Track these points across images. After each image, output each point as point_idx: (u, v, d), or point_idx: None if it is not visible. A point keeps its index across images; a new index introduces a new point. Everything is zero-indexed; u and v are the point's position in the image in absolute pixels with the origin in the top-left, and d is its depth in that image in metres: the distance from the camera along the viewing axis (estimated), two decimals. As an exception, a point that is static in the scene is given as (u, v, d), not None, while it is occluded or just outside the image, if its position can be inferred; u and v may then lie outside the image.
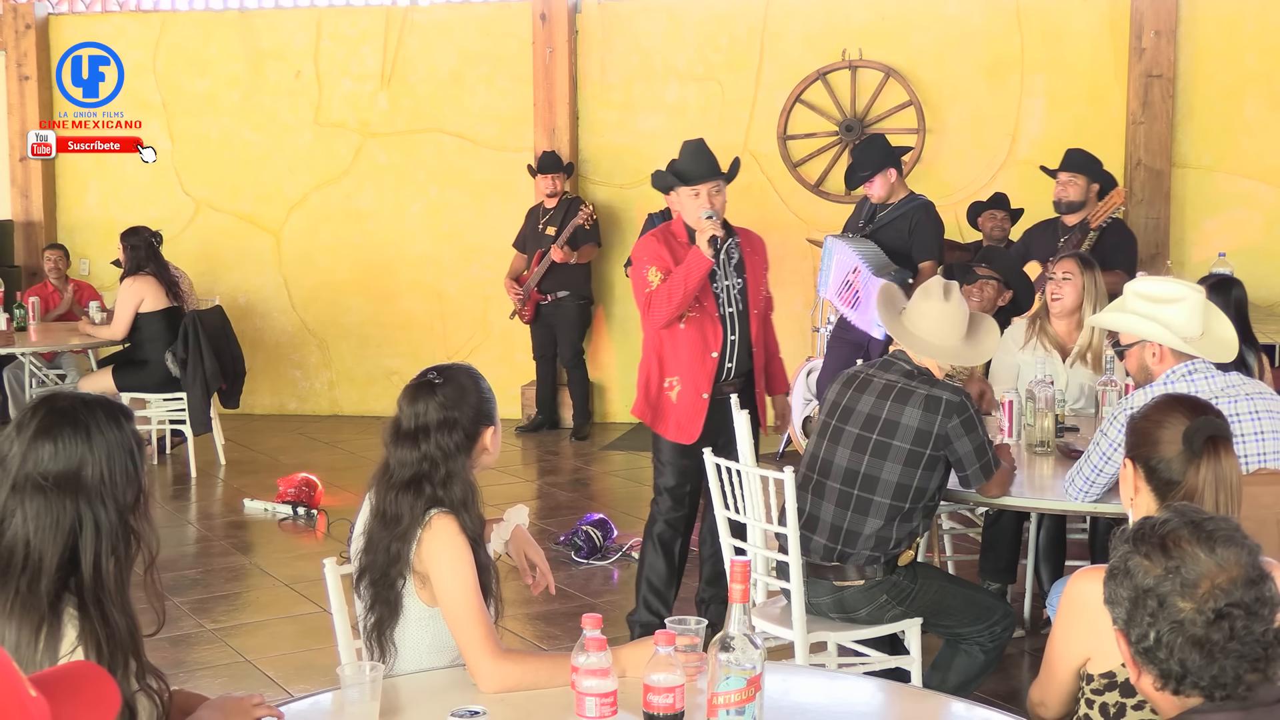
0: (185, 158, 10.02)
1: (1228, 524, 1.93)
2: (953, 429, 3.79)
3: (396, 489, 2.76)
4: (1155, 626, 1.86)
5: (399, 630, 2.77)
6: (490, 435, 2.86)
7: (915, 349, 3.91)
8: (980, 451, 3.84)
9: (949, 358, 3.92)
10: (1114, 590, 1.94)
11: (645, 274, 4.74)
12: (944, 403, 3.79)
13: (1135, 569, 1.91)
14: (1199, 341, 3.69)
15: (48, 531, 2.12)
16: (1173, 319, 3.68)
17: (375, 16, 9.71)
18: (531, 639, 5.24)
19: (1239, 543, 1.89)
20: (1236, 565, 1.86)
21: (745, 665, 2.25)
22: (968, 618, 3.92)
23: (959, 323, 3.91)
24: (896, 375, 3.90)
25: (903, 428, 3.81)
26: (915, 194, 6.80)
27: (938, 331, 3.89)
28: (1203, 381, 3.63)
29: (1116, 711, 2.40)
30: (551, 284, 8.84)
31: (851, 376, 4.02)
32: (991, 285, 5.51)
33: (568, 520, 6.78)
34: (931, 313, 3.91)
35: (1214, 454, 2.53)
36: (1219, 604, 1.84)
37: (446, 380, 2.82)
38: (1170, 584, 1.86)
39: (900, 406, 3.83)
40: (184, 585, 5.91)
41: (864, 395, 3.92)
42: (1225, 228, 8.42)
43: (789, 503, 3.78)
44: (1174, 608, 1.85)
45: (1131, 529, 1.97)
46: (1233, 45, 8.39)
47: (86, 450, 2.16)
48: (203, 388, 7.82)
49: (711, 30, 9.16)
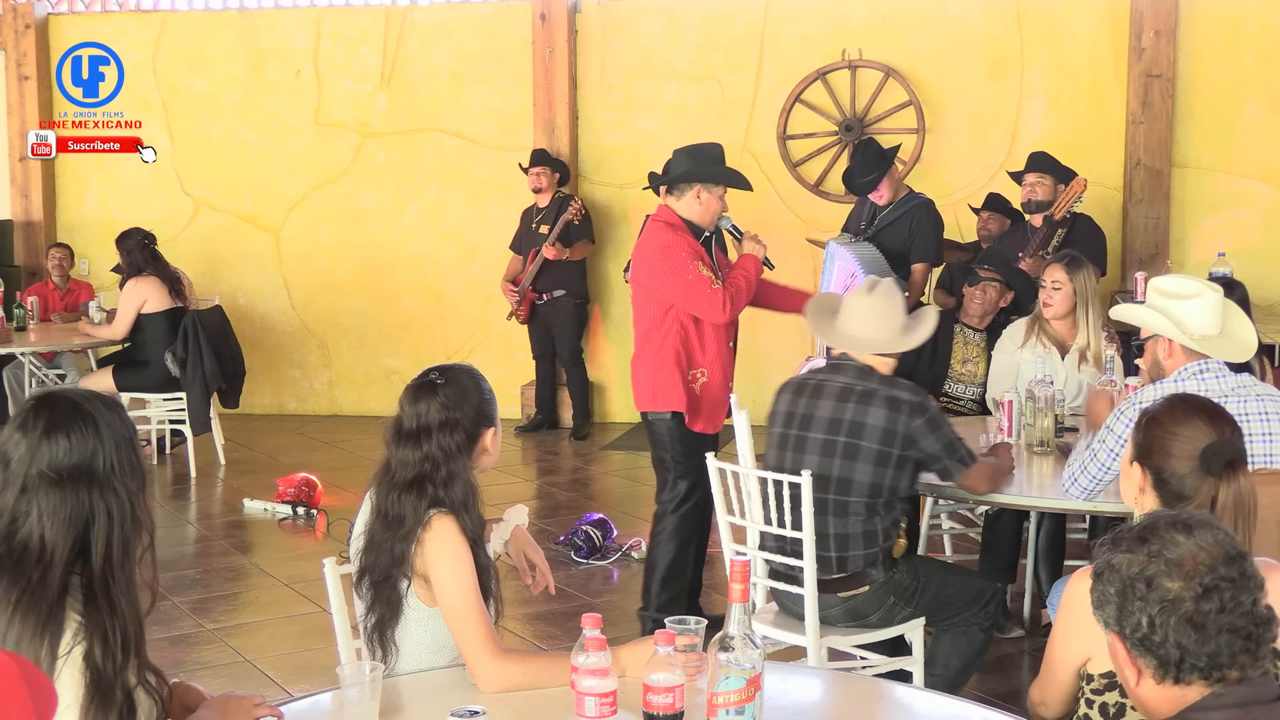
0: (185, 158, 10.02)
1: (1201, 514, 1.99)
2: (917, 428, 3.81)
3: (399, 489, 2.76)
4: (1147, 610, 1.89)
5: (399, 630, 2.78)
6: (490, 436, 2.86)
7: (856, 348, 3.93)
8: (950, 448, 3.85)
9: (888, 346, 3.92)
10: (1102, 590, 1.96)
11: (696, 270, 4.86)
12: (905, 403, 3.81)
13: (1119, 563, 1.94)
14: (1214, 340, 3.67)
15: (62, 525, 2.15)
16: (1185, 315, 3.67)
17: (375, 16, 9.71)
18: (531, 639, 5.24)
19: (1214, 526, 1.95)
20: (1215, 545, 1.91)
21: (745, 665, 2.25)
22: (965, 603, 3.97)
23: (890, 311, 3.93)
24: (851, 378, 3.90)
25: (869, 428, 3.81)
26: (915, 193, 6.81)
27: (874, 326, 3.90)
28: (1213, 381, 3.62)
29: (1116, 711, 2.40)
30: (546, 283, 8.83)
31: (801, 384, 4.01)
32: (994, 287, 5.51)
33: (568, 520, 6.78)
34: (862, 308, 3.93)
35: (1233, 477, 2.52)
36: (1205, 579, 1.88)
37: (448, 381, 2.82)
38: (1155, 566, 1.90)
39: (864, 407, 3.83)
40: (184, 585, 5.91)
41: (821, 400, 3.91)
42: (1225, 227, 8.42)
43: (805, 506, 3.75)
44: (1162, 588, 1.89)
45: (1108, 536, 2.00)
46: (1233, 45, 8.39)
47: (97, 442, 2.20)
48: (202, 388, 7.82)
49: (711, 30, 9.16)
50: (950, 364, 5.43)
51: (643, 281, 5.08)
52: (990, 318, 5.51)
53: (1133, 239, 8.43)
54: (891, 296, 3.96)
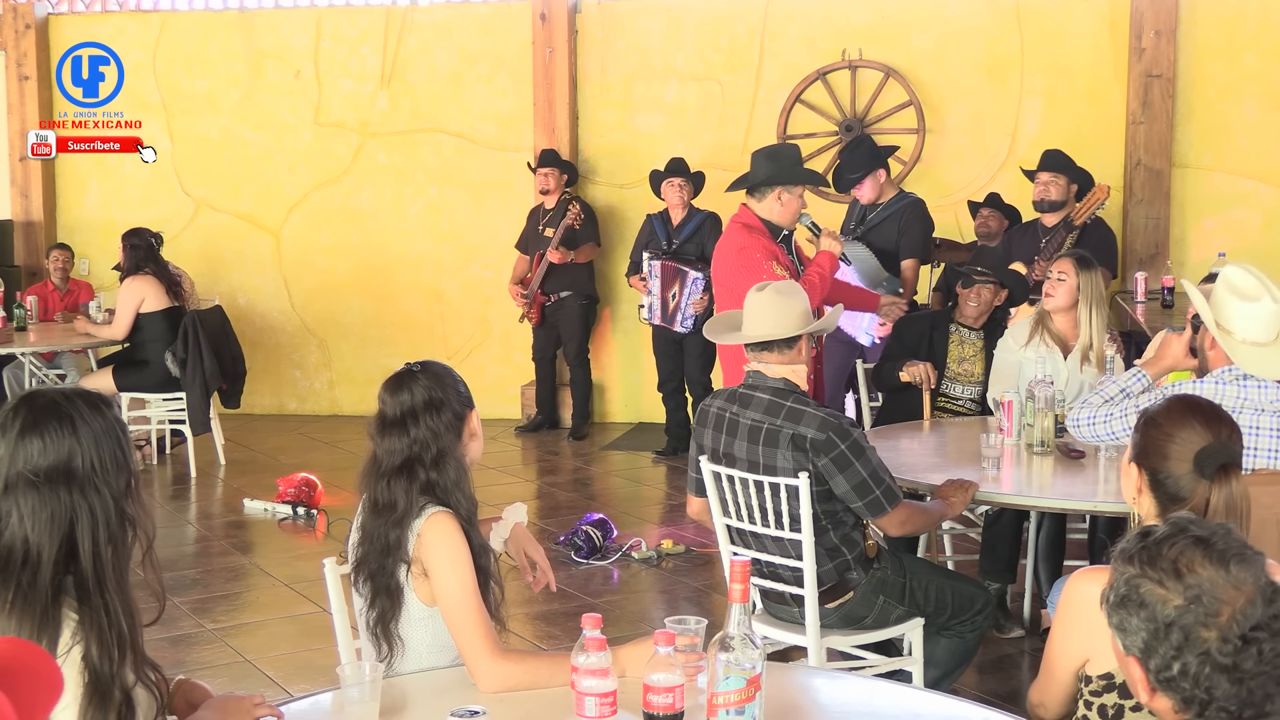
0: (185, 158, 10.02)
1: (1232, 536, 1.90)
2: (825, 467, 3.68)
3: (388, 476, 2.78)
4: (1180, 659, 1.82)
5: (401, 626, 2.77)
6: (474, 417, 2.90)
7: (760, 354, 3.83)
8: (864, 488, 3.69)
9: (786, 331, 3.79)
10: (1125, 618, 1.88)
11: (771, 270, 5.02)
12: (809, 441, 3.68)
13: (1150, 599, 1.85)
14: (1256, 349, 3.54)
15: (45, 526, 2.14)
16: (1237, 315, 3.55)
17: (375, 16, 9.71)
18: (531, 639, 5.24)
19: (1249, 558, 1.86)
20: (1252, 584, 1.83)
21: (745, 665, 2.25)
22: (958, 608, 3.96)
23: (779, 303, 3.80)
24: (759, 412, 3.78)
25: (782, 470, 3.72)
26: (905, 192, 6.82)
27: (773, 321, 3.79)
28: (1255, 390, 3.53)
29: (1115, 713, 2.40)
30: (553, 285, 8.83)
31: (718, 418, 3.90)
32: (988, 288, 5.49)
33: (568, 520, 6.78)
34: (755, 305, 3.84)
35: (1225, 480, 2.51)
36: (1243, 629, 1.80)
37: (424, 368, 2.87)
38: (1192, 615, 1.82)
39: (772, 450, 3.73)
40: (184, 585, 5.91)
41: (736, 440, 3.83)
42: (1225, 228, 8.42)
43: (804, 507, 3.71)
44: (1198, 639, 1.81)
45: (1133, 546, 1.91)
46: (1233, 45, 8.39)
47: (74, 441, 2.18)
48: (202, 388, 7.82)
49: (711, 30, 9.16)
50: (947, 364, 5.42)
51: (723, 281, 5.28)
52: (985, 317, 5.50)
53: (1133, 239, 8.43)
54: (780, 288, 3.85)
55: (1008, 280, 5.60)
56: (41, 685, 1.52)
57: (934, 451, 4.91)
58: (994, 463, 4.29)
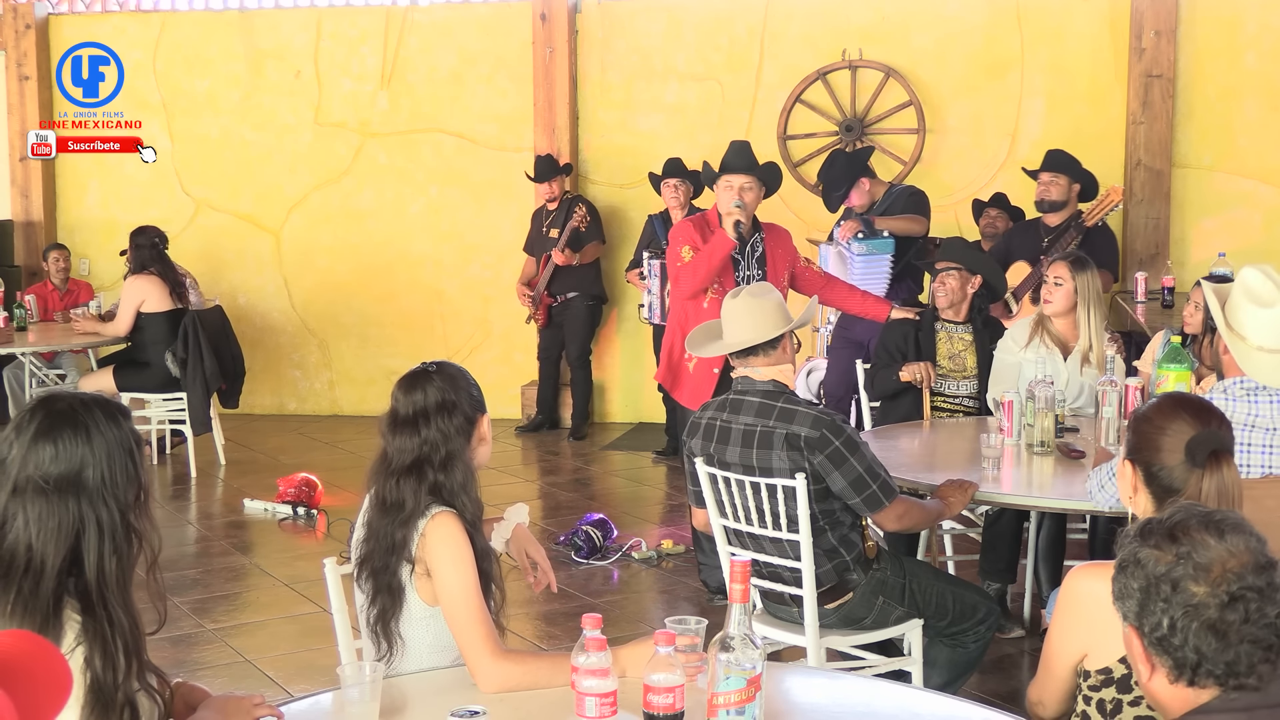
0: (185, 158, 10.02)
1: (1234, 515, 1.95)
2: (821, 464, 3.68)
3: (397, 475, 2.78)
4: (1169, 612, 1.86)
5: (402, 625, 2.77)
6: (485, 422, 2.90)
7: (745, 360, 3.81)
8: (860, 483, 3.69)
9: (770, 333, 3.78)
10: (1124, 583, 1.93)
11: (679, 252, 5.34)
12: (803, 439, 3.67)
13: (1146, 559, 1.91)
14: (1265, 355, 3.44)
15: (50, 534, 2.12)
16: (1250, 320, 3.46)
17: (375, 16, 9.71)
18: (531, 639, 5.24)
19: (1246, 531, 1.91)
20: (1246, 551, 1.87)
21: (745, 665, 2.25)
22: (959, 615, 3.94)
23: (755, 306, 3.77)
24: (751, 416, 3.77)
25: (778, 471, 3.71)
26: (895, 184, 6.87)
27: (753, 324, 3.77)
28: (1266, 404, 3.44)
29: (1114, 708, 2.40)
30: (560, 286, 8.84)
31: (709, 427, 3.89)
32: (953, 276, 5.39)
33: (568, 520, 6.78)
34: (732, 311, 3.81)
35: (1216, 467, 2.52)
36: (1232, 587, 1.84)
37: (440, 369, 2.88)
38: (1182, 569, 1.87)
39: (766, 452, 3.73)
40: (184, 585, 5.91)
41: (729, 446, 3.83)
42: (1225, 228, 8.42)
43: (801, 508, 3.71)
44: (1187, 592, 1.86)
45: (1137, 526, 1.97)
46: (1233, 45, 8.39)
47: (87, 451, 2.16)
48: (202, 388, 7.82)
49: (711, 30, 9.16)
50: (939, 362, 5.38)
51: None
52: (964, 307, 5.42)
53: (1133, 239, 8.43)
54: (753, 293, 3.83)
55: (976, 266, 5.48)
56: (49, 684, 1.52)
57: (934, 451, 4.91)
58: (994, 463, 4.29)
